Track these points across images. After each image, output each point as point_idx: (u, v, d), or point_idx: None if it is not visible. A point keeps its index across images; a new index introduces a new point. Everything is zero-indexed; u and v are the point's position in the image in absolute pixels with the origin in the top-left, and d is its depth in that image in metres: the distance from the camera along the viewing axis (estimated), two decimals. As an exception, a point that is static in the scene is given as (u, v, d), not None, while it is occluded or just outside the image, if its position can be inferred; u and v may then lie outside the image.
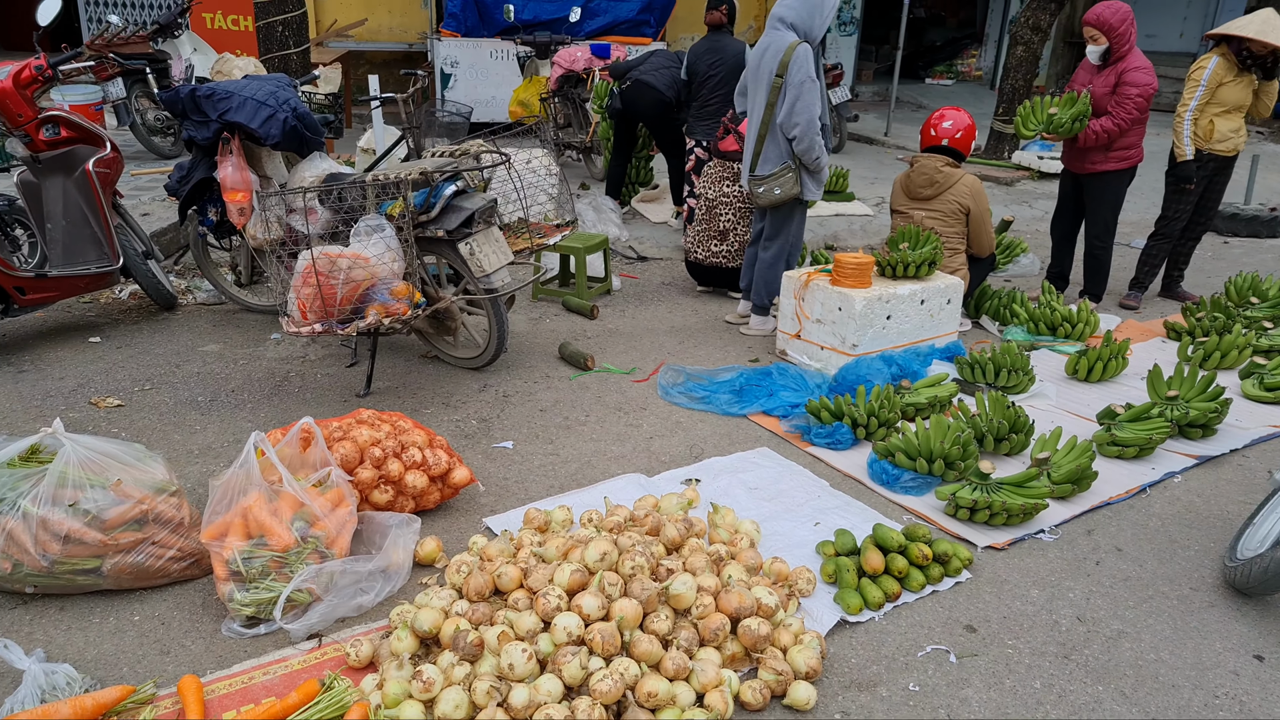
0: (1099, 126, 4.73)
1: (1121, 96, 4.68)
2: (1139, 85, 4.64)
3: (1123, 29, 4.65)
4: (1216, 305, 4.77)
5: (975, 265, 4.75)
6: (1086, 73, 4.89)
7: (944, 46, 15.09)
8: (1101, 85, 4.77)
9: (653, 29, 9.46)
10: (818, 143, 4.20)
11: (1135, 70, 4.66)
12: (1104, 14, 4.64)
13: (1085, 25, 4.72)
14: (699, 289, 5.48)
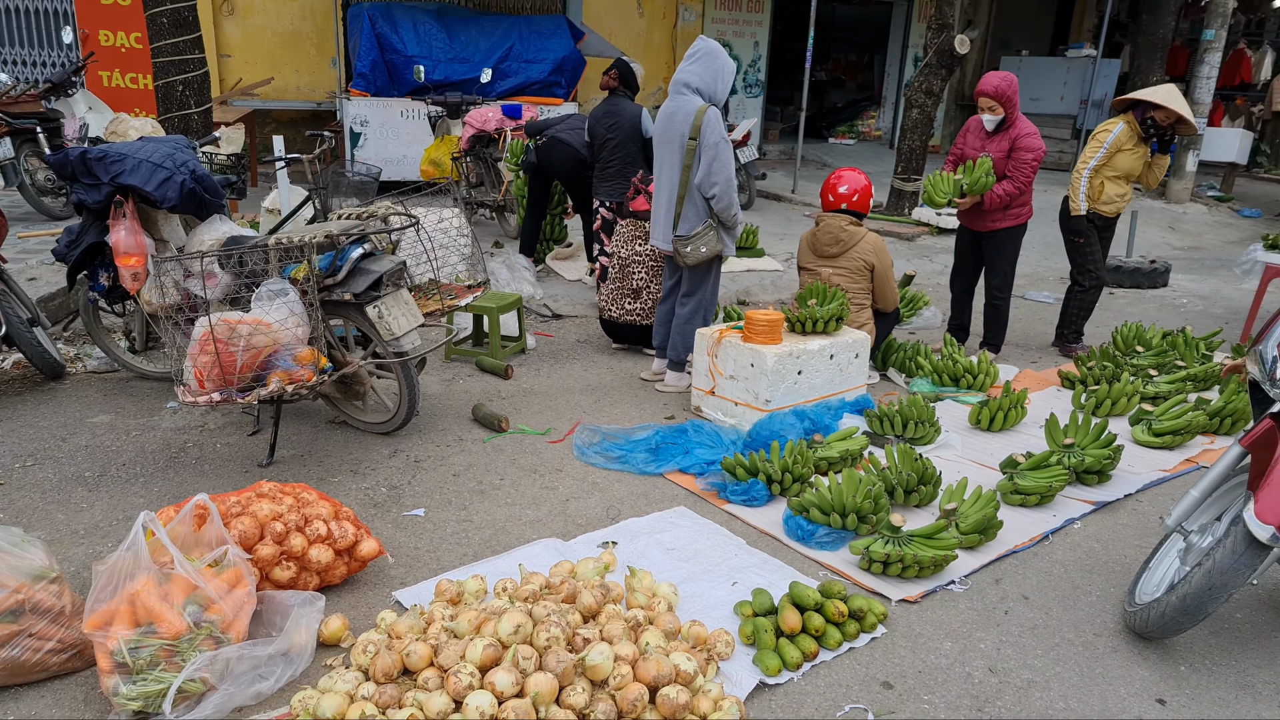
0: (1001, 190, 4.99)
1: (1018, 161, 4.96)
2: (1033, 150, 4.94)
3: (1015, 98, 4.95)
4: (1105, 355, 5.02)
5: (881, 319, 4.89)
6: (975, 136, 5.15)
7: (845, 108, 15.74)
8: (996, 150, 5.03)
9: (564, 90, 9.60)
10: (735, 200, 4.36)
11: (1027, 136, 4.96)
12: (1000, 86, 4.91)
13: (982, 96, 4.97)
14: (614, 346, 5.49)
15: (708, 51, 4.38)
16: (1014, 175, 4.98)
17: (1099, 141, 5.17)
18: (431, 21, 9.17)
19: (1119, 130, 5.13)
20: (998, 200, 5.00)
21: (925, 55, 9.06)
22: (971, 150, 5.16)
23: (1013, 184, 4.96)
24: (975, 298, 5.59)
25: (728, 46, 12.24)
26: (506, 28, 9.46)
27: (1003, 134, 5.00)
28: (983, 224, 5.20)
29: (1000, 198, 4.99)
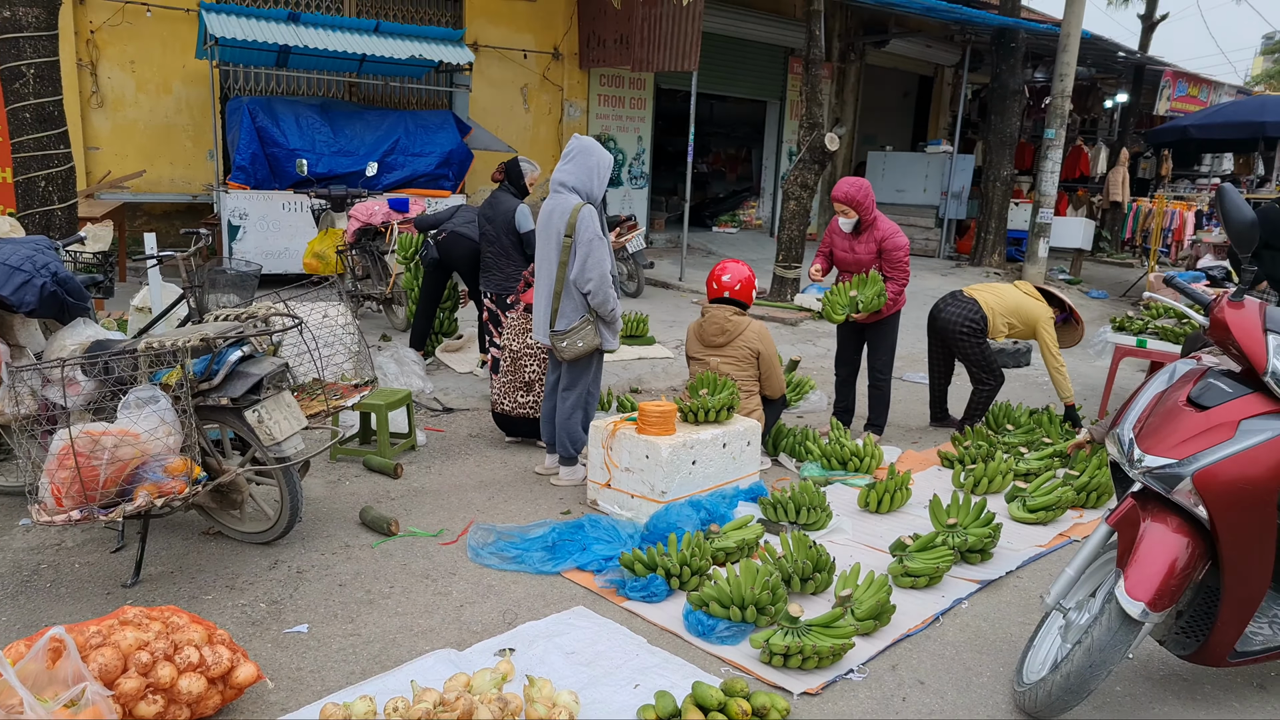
0: (889, 295, 5.28)
1: (892, 261, 5.26)
2: (901, 248, 5.26)
3: (867, 201, 5.26)
4: (979, 434, 5.28)
5: (769, 406, 5.01)
6: (841, 237, 5.45)
7: (726, 198, 16.40)
8: (865, 251, 5.33)
9: (451, 183, 9.65)
10: (611, 295, 4.42)
11: (892, 236, 5.28)
12: (851, 192, 5.23)
13: (835, 201, 5.28)
14: (508, 440, 5.41)
15: (581, 149, 4.50)
16: (893, 275, 5.28)
17: (1053, 339, 5.58)
18: (315, 115, 9.12)
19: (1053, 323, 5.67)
20: (889, 307, 5.30)
21: (799, 151, 9.57)
22: (841, 249, 5.45)
23: (895, 284, 5.26)
24: (859, 379, 5.81)
25: (612, 140, 12.65)
26: (392, 122, 9.49)
27: (868, 234, 5.31)
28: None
29: (890, 304, 5.30)
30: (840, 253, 5.46)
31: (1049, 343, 5.54)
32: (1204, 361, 2.71)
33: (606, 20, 11.16)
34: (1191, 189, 18.79)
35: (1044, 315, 5.57)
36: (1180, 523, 2.50)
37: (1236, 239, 2.68)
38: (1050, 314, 5.61)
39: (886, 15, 14.76)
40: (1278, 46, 39.39)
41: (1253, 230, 2.64)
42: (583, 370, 4.62)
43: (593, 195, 4.46)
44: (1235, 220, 2.67)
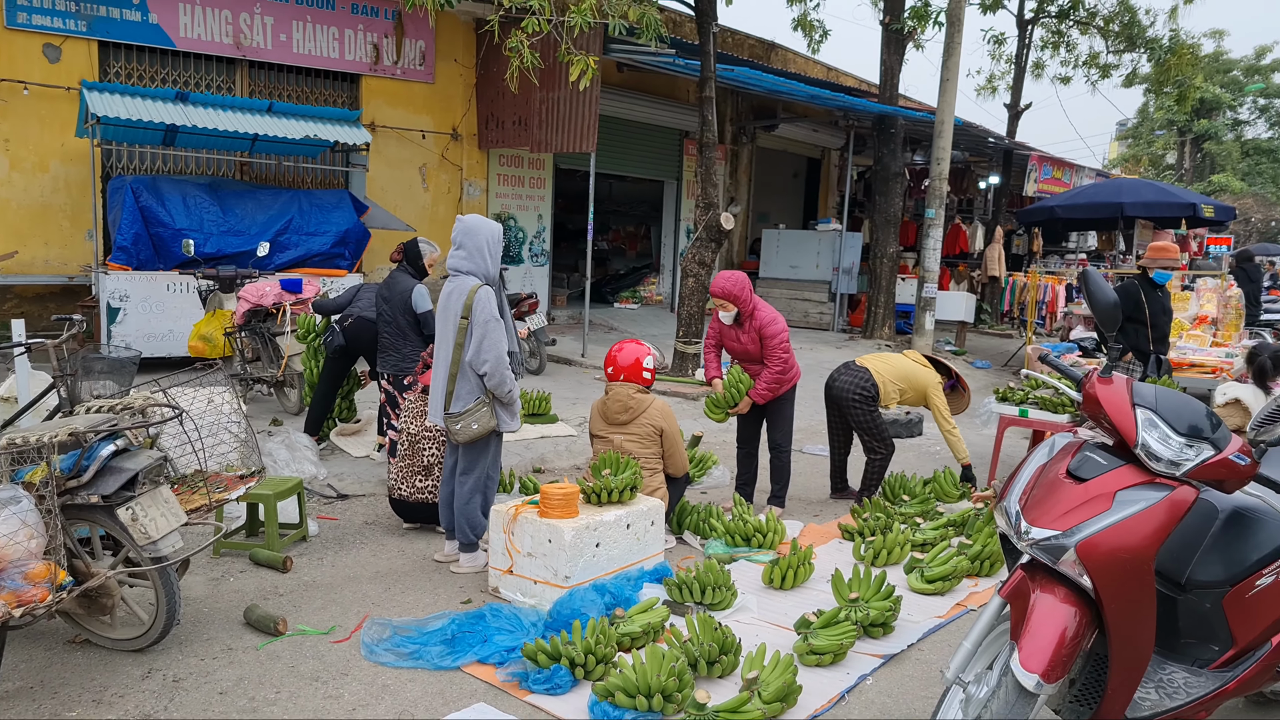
0: (765, 383, 5.42)
1: (771, 348, 5.40)
2: (777, 335, 5.39)
3: (744, 294, 5.39)
4: (877, 506, 5.39)
5: (673, 484, 5.01)
6: (727, 328, 5.58)
7: (627, 275, 16.65)
8: (749, 340, 5.49)
9: (348, 262, 9.49)
10: (508, 376, 4.38)
11: (770, 324, 5.42)
12: (728, 287, 5.36)
13: (714, 296, 5.43)
14: (406, 526, 5.24)
15: (465, 230, 4.49)
16: (771, 361, 5.41)
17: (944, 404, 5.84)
18: (203, 195, 8.88)
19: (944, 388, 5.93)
20: (767, 393, 5.44)
21: (696, 229, 9.82)
22: (729, 339, 5.62)
23: (772, 369, 5.40)
24: (760, 453, 5.88)
25: (512, 219, 12.74)
26: (286, 201, 9.32)
27: (749, 324, 5.45)
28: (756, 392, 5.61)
29: (767, 389, 5.43)
30: (729, 342, 5.64)
31: (940, 407, 5.76)
32: (1080, 435, 2.85)
33: (504, 103, 11.34)
34: (1061, 264, 20.11)
35: (932, 381, 5.80)
36: (1068, 593, 2.58)
37: (1101, 319, 2.86)
38: (938, 380, 5.85)
39: (775, 101, 15.48)
40: (1130, 133, 43.01)
41: (1115, 311, 2.83)
42: (480, 453, 4.53)
43: (489, 273, 4.44)
44: (1099, 303, 2.85)
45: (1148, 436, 2.60)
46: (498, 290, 4.47)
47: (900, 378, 5.81)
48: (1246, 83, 37.81)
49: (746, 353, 5.55)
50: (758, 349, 5.47)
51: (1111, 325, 2.79)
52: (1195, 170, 38.54)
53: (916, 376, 5.83)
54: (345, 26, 10.63)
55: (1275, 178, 39.03)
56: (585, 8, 6.78)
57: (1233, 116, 39.81)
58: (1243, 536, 2.83)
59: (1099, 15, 16.45)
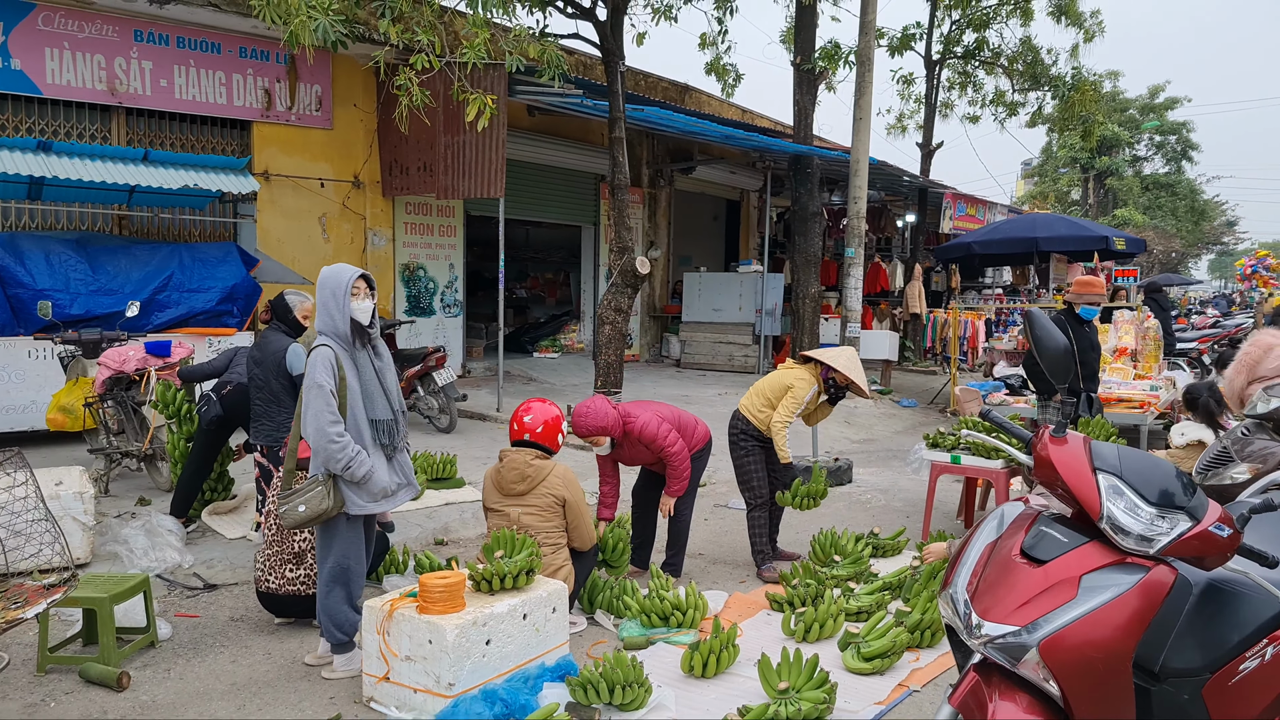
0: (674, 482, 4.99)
1: (661, 453, 4.92)
2: (664, 439, 4.89)
3: (611, 422, 4.81)
4: (807, 571, 4.93)
5: (580, 559, 4.47)
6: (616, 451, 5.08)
7: (547, 323, 16.14)
8: (639, 453, 5.03)
9: (236, 319, 8.77)
10: (333, 450, 3.69)
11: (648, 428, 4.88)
12: (591, 424, 4.77)
13: (581, 437, 4.88)
14: (278, 622, 4.57)
15: (318, 285, 3.91)
16: (670, 463, 4.96)
17: (797, 398, 5.19)
18: (69, 251, 8.10)
19: (811, 393, 5.25)
20: (681, 488, 5.03)
21: (612, 275, 9.40)
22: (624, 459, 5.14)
23: (674, 472, 4.97)
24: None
25: (422, 269, 12.15)
26: (165, 256, 8.59)
27: (630, 439, 4.95)
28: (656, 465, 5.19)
29: (679, 485, 5.01)
30: (623, 460, 5.16)
31: (786, 402, 5.21)
32: (1032, 504, 2.43)
33: (408, 148, 10.83)
34: (979, 300, 20.36)
35: (793, 378, 5.26)
36: (1031, 701, 2.14)
37: (1051, 368, 2.47)
38: (803, 378, 5.25)
39: (691, 143, 15.31)
40: (1036, 171, 44.61)
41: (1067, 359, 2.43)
42: (329, 539, 3.90)
43: (337, 329, 3.84)
44: (1049, 349, 2.45)
45: (1113, 507, 2.19)
46: (353, 347, 3.86)
47: (759, 392, 5.36)
48: (1142, 120, 39.61)
49: (643, 460, 5.15)
50: (652, 455, 5.03)
51: (1062, 376, 2.39)
52: (1099, 205, 40.04)
53: (776, 380, 5.33)
54: (233, 71, 10.01)
55: (1174, 211, 40.82)
56: (478, 43, 6.34)
57: (1132, 153, 41.64)
58: (1221, 615, 2.43)
59: (1003, 55, 16.81)
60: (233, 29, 9.81)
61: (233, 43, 9.93)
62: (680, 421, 5.10)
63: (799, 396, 5.18)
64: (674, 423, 5.03)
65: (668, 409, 5.14)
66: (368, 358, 3.87)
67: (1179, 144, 42.05)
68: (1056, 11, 15.81)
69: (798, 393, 5.19)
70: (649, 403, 5.17)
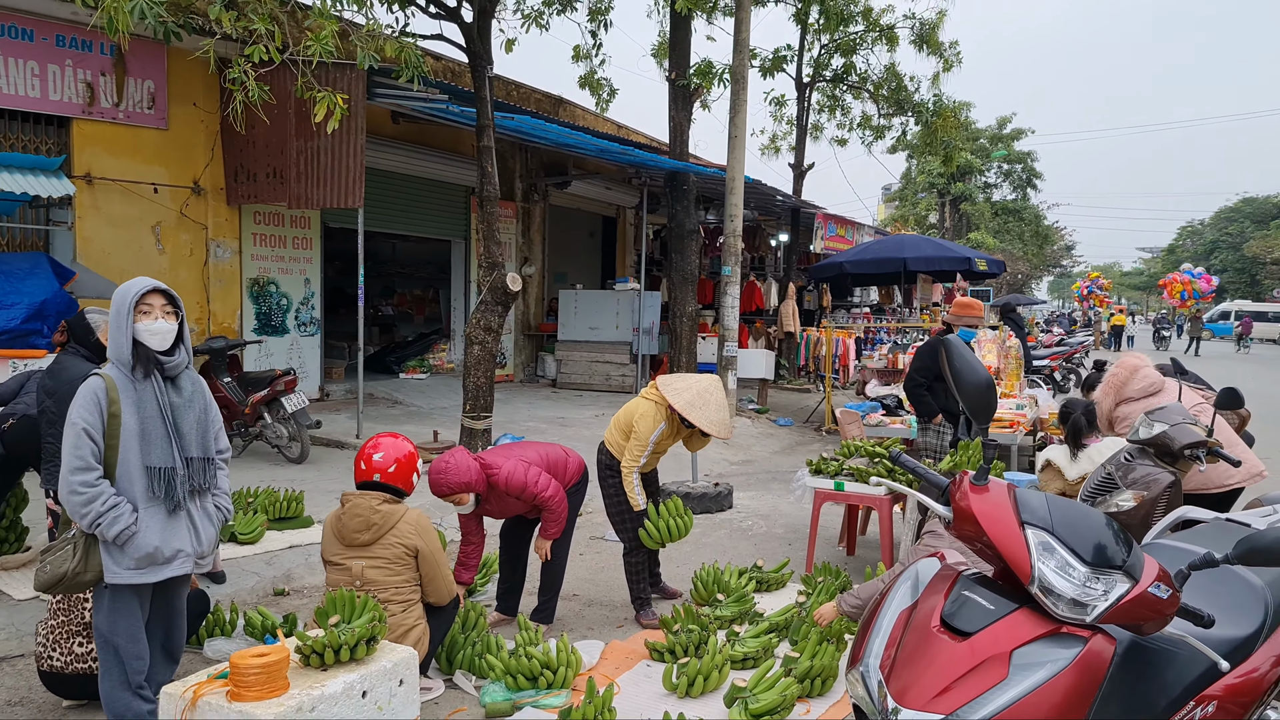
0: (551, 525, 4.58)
1: (530, 496, 4.47)
2: (535, 484, 4.45)
3: (474, 477, 4.35)
4: (689, 614, 4.55)
5: (437, 615, 3.94)
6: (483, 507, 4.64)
7: (415, 342, 15.33)
8: (508, 504, 4.57)
9: (46, 339, 7.73)
10: (74, 502, 3.05)
11: (514, 477, 4.42)
12: (452, 481, 4.29)
13: (443, 498, 4.40)
14: (65, 704, 3.83)
15: None
16: (545, 505, 4.52)
17: (642, 438, 4.70)
18: None
19: (659, 431, 4.73)
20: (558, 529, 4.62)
21: (481, 292, 8.85)
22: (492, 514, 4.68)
23: (550, 514, 4.55)
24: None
25: (274, 284, 11.22)
26: (-42, 267, 7.50)
27: (497, 493, 4.49)
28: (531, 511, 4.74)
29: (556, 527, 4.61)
30: (495, 515, 4.69)
31: (631, 445, 4.73)
32: (949, 561, 2.10)
33: (256, 153, 9.95)
34: (848, 318, 20.80)
35: (638, 414, 4.77)
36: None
37: (972, 406, 2.16)
38: (648, 415, 4.73)
39: (566, 157, 14.92)
40: (896, 195, 46.57)
41: (989, 394, 2.13)
42: (97, 608, 3.24)
43: (120, 354, 3.19)
44: (969, 383, 2.15)
45: (1044, 567, 1.89)
46: (134, 376, 3.21)
47: (618, 424, 4.90)
48: (992, 149, 41.95)
49: (515, 511, 4.68)
50: (522, 504, 4.57)
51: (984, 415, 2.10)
52: (955, 229, 42.06)
53: (628, 411, 4.88)
54: (49, 61, 8.92)
55: (1020, 235, 43.36)
56: (325, 36, 5.73)
57: (983, 180, 44.02)
58: (1147, 677, 2.17)
59: (870, 81, 17.22)
60: (48, 14, 8.75)
61: (48, 30, 8.85)
62: (549, 460, 4.64)
63: (643, 436, 4.69)
64: (543, 463, 4.57)
65: (532, 450, 4.66)
66: (154, 391, 3.20)
67: (1024, 172, 44.76)
68: (918, 41, 16.30)
69: (641, 432, 4.70)
70: (510, 447, 4.71)
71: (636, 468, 4.75)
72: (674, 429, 4.83)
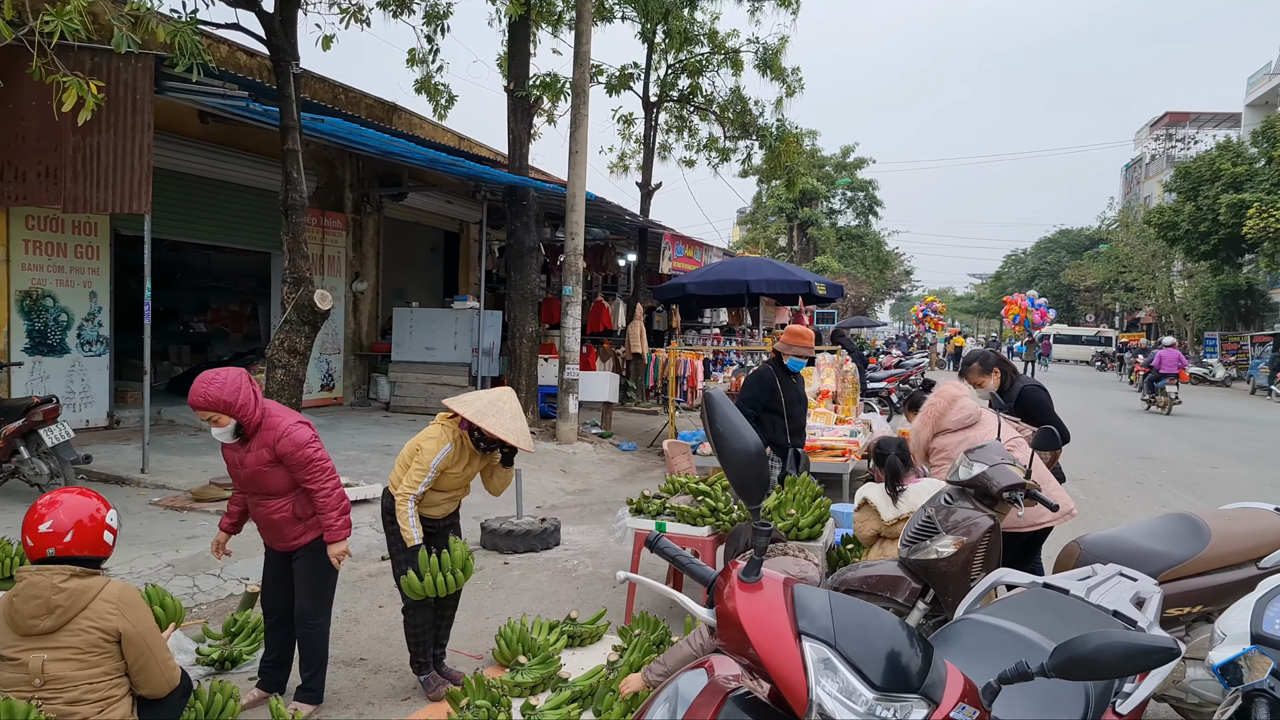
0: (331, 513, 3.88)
1: (299, 462, 3.81)
2: (305, 444, 3.81)
3: (240, 400, 3.74)
4: (480, 686, 3.97)
5: (153, 709, 3.20)
6: (229, 450, 3.95)
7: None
8: (256, 460, 3.86)
9: None
10: None
11: (290, 432, 3.80)
12: (213, 393, 3.68)
13: (197, 409, 3.75)
14: None
15: None
16: (311, 482, 3.84)
17: (423, 464, 4.04)
18: None
19: (445, 453, 4.06)
20: (344, 526, 3.92)
21: (284, 309, 8.01)
22: (231, 464, 3.95)
23: (322, 496, 3.86)
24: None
25: (50, 298, 9.90)
26: None
27: (257, 440, 3.84)
28: (283, 542, 4.02)
29: (340, 523, 3.91)
30: (231, 469, 3.97)
31: (411, 470, 4.07)
32: (718, 675, 1.65)
33: (25, 149, 8.72)
34: (698, 339, 20.78)
35: (424, 436, 4.16)
36: None
37: (739, 481, 1.68)
38: (433, 436, 4.11)
39: (401, 167, 14.11)
40: (748, 218, 47.67)
41: (759, 464, 1.68)
42: None
43: None
44: (733, 451, 1.65)
45: (823, 693, 1.47)
46: None
47: (400, 459, 4.22)
48: (837, 177, 43.61)
49: (259, 482, 3.88)
50: (272, 471, 3.84)
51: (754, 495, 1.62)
52: (803, 252, 43.40)
53: (415, 439, 4.22)
54: None
55: (863, 260, 45.21)
56: (69, 10, 4.87)
57: (828, 206, 45.69)
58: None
59: (715, 103, 17.26)
60: None
61: None
62: None
63: (425, 460, 4.04)
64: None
65: None
66: None
67: (866, 199, 46.78)
68: (762, 65, 16.45)
69: (425, 456, 4.05)
70: None
71: (413, 495, 4.05)
72: (465, 453, 4.16)
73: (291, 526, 3.95)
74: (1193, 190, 30.93)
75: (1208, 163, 30.98)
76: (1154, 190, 49.65)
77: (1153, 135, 57.39)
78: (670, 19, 14.73)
